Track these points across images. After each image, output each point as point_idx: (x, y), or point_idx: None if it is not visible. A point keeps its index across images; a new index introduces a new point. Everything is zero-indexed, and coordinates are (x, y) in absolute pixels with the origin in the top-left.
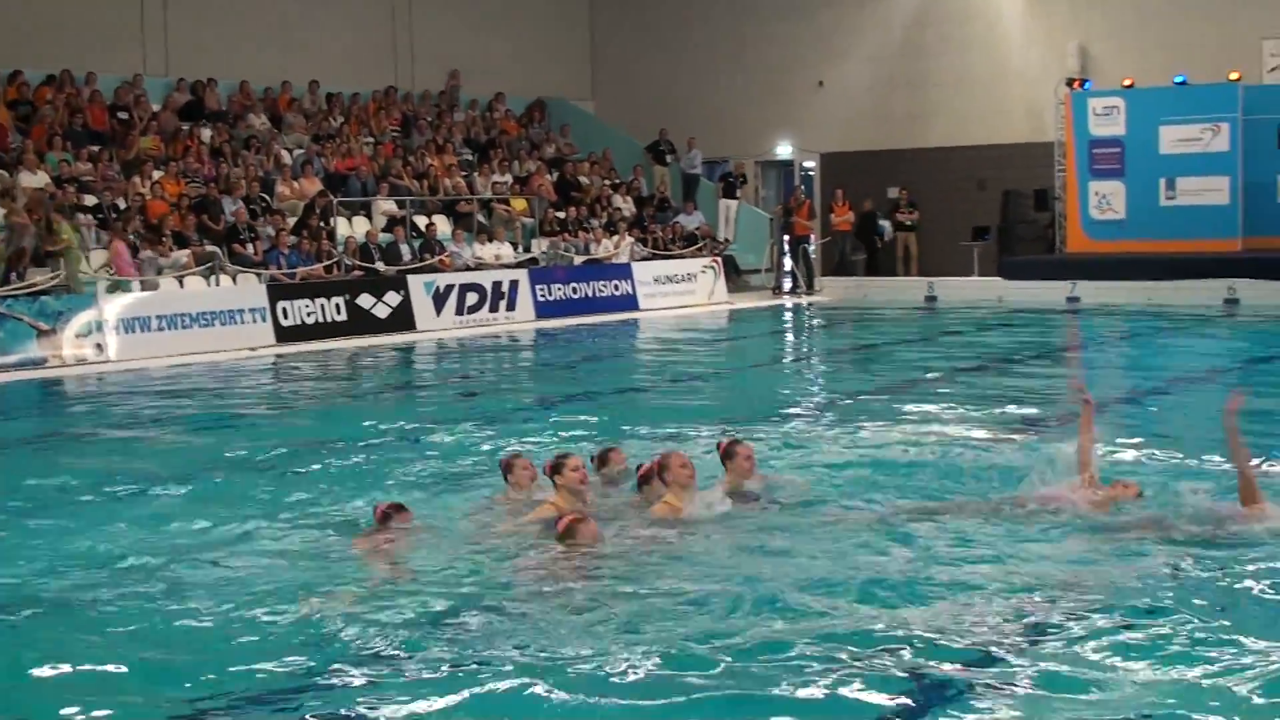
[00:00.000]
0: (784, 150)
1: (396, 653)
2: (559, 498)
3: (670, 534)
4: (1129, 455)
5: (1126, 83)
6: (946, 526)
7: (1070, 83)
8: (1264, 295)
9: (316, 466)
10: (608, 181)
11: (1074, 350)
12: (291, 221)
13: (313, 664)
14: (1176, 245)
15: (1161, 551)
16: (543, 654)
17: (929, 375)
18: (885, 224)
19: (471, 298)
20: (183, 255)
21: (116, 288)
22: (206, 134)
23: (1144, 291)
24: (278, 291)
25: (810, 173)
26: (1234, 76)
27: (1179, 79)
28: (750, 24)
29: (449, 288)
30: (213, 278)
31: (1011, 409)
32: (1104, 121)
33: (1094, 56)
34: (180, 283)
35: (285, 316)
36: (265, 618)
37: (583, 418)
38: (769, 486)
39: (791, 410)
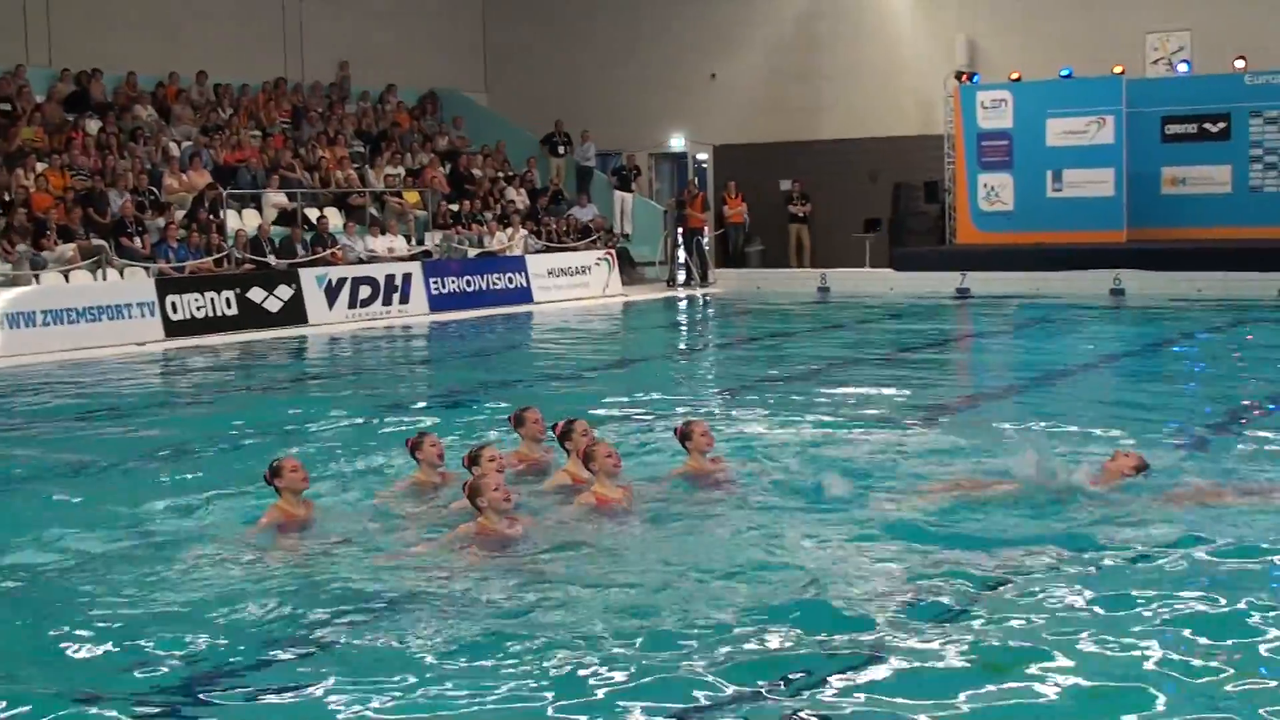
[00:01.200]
0: (677, 143)
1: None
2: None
3: (592, 522)
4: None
5: (1014, 76)
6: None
7: (959, 76)
8: (1148, 285)
9: (210, 456)
10: (501, 174)
11: None
12: (180, 215)
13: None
14: (1063, 236)
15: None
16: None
17: (822, 364)
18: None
19: (364, 291)
20: (68, 249)
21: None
22: (92, 126)
23: (1032, 282)
24: (166, 286)
25: (704, 165)
26: (1118, 70)
27: (1065, 72)
28: (644, 16)
29: (341, 281)
30: (99, 272)
31: (902, 397)
32: (992, 114)
33: (982, 50)
34: (66, 277)
35: (174, 311)
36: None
37: (478, 409)
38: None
39: (688, 399)
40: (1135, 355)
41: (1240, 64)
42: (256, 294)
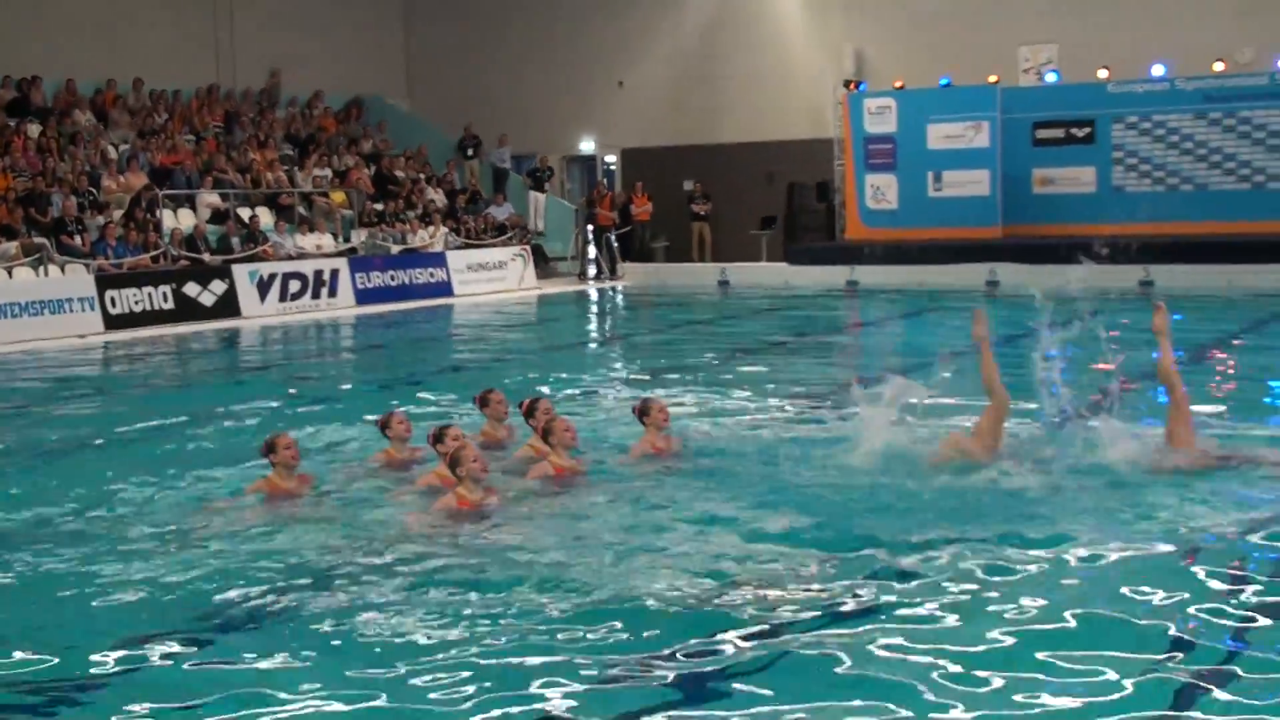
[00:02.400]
0: (587, 146)
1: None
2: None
3: (549, 492)
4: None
5: (897, 84)
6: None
7: (847, 84)
8: (1021, 277)
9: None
10: (422, 175)
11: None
12: (118, 214)
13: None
14: (943, 232)
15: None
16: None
17: (729, 349)
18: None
19: (294, 285)
20: (11, 247)
21: None
22: (33, 130)
23: (915, 275)
24: (106, 281)
25: (612, 167)
26: (993, 79)
27: (944, 81)
28: (555, 27)
29: (272, 276)
30: (41, 269)
31: (800, 381)
32: (877, 120)
33: (868, 60)
34: (9, 273)
35: (113, 305)
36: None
37: (412, 395)
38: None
39: (604, 382)
40: (1010, 341)
41: (1104, 74)
42: (192, 289)
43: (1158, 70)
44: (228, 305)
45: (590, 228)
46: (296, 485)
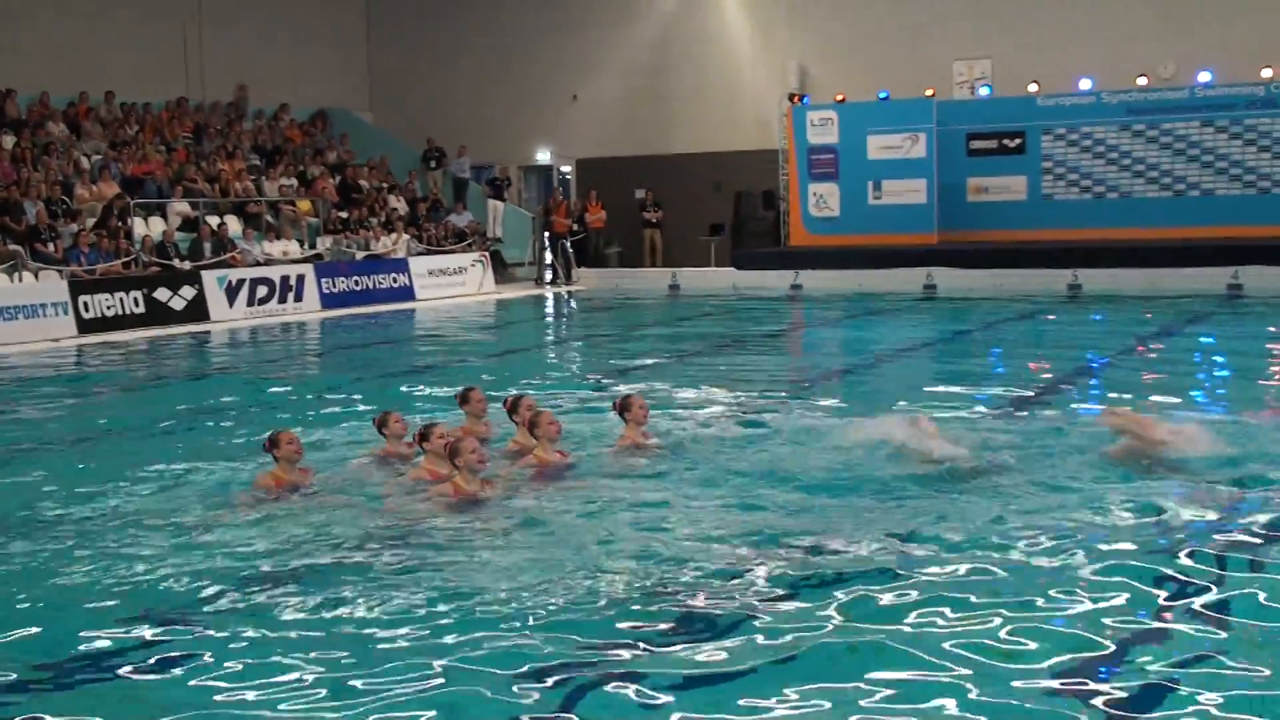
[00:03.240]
0: (544, 156)
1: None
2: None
3: (535, 483)
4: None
5: (838, 98)
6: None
7: (791, 98)
8: (956, 281)
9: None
10: (385, 184)
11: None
12: (91, 222)
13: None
14: (883, 239)
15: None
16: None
17: (677, 350)
18: None
19: (262, 290)
20: None
21: None
22: (8, 141)
23: (856, 279)
24: (79, 286)
25: (567, 176)
26: (929, 93)
27: (883, 95)
28: (513, 43)
29: (240, 281)
30: (15, 275)
31: (749, 380)
32: (820, 131)
33: (811, 75)
34: None
35: (86, 310)
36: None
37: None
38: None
39: (566, 381)
40: (947, 341)
41: (1034, 87)
42: (162, 294)
43: (1084, 84)
44: (197, 310)
45: (547, 235)
46: (299, 477)
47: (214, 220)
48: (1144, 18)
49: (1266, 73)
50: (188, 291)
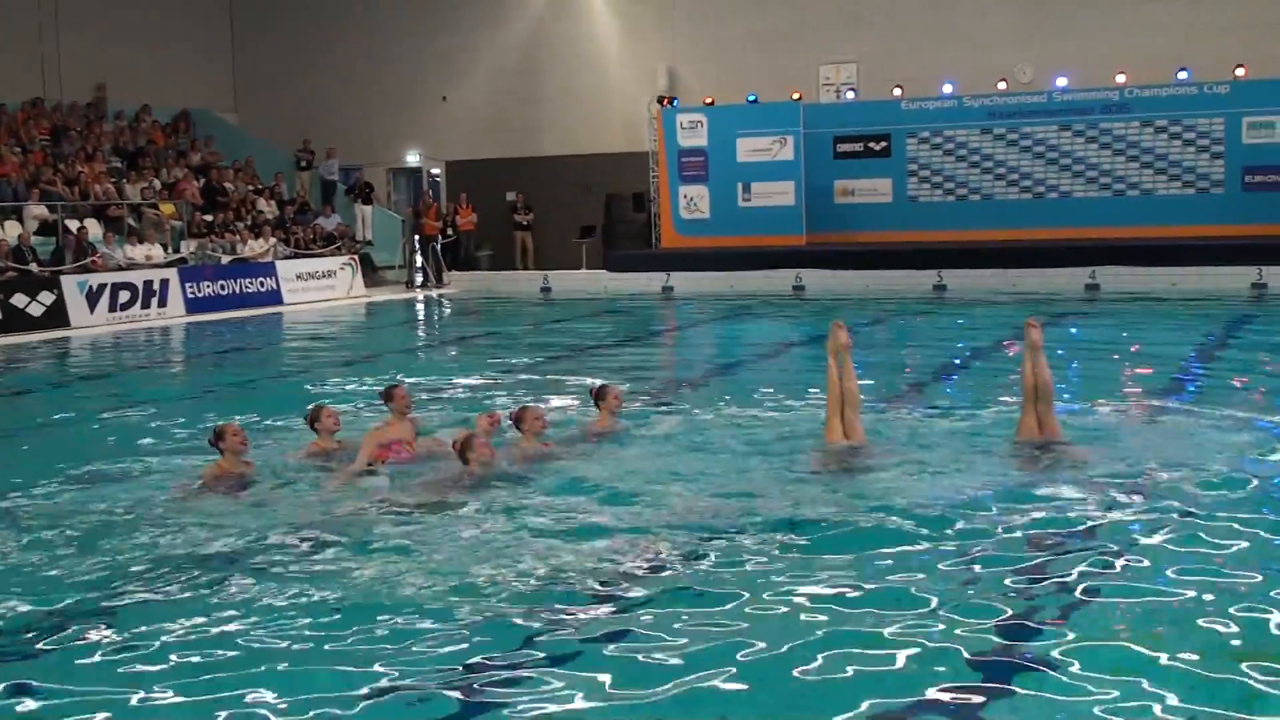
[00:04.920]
0: (413, 159)
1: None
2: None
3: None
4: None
5: (708, 101)
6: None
7: (660, 100)
8: (824, 281)
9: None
10: (251, 187)
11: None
12: None
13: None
14: (752, 240)
15: None
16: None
17: (550, 354)
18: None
19: (124, 295)
20: None
21: None
22: None
23: (727, 281)
24: None
25: (437, 179)
26: (796, 96)
27: (751, 98)
28: (381, 43)
29: (102, 286)
30: None
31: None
32: (690, 134)
33: (681, 77)
34: None
35: None
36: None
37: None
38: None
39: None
40: (817, 341)
41: (898, 91)
42: (19, 299)
43: (947, 88)
44: (56, 316)
45: (417, 238)
46: (245, 469)
47: (74, 224)
48: (1004, 23)
49: (1120, 78)
50: (46, 297)
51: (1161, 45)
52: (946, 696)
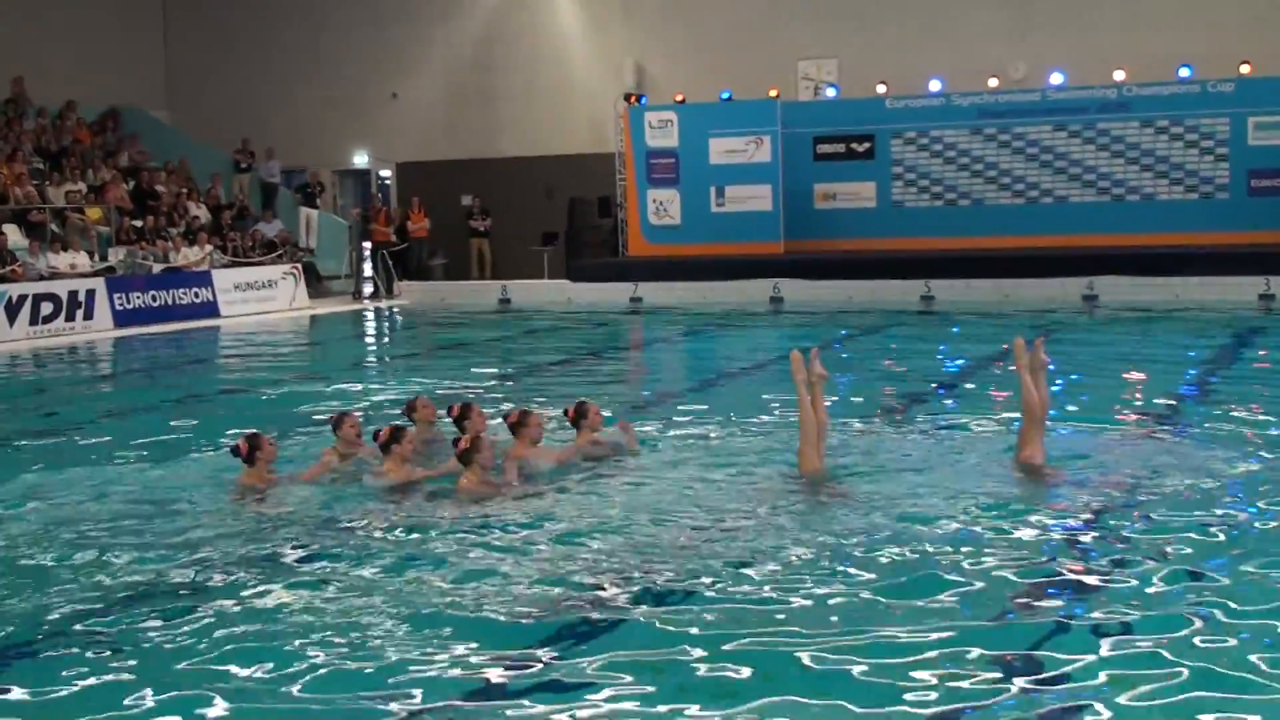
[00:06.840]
0: (361, 160)
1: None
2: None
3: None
4: (700, 430)
5: (678, 98)
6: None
7: (627, 98)
8: (803, 292)
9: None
10: (185, 190)
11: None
12: None
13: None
14: (727, 248)
15: None
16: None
17: (506, 372)
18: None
19: (46, 307)
20: None
21: None
22: None
23: (699, 292)
24: None
25: (387, 182)
26: (773, 93)
27: (725, 95)
28: (325, 36)
29: (22, 298)
30: None
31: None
32: (659, 134)
33: (649, 74)
34: None
35: None
36: None
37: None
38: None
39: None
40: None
41: (882, 89)
42: None
43: (934, 86)
44: None
45: (366, 245)
46: (274, 478)
47: None
48: (994, 16)
49: (1119, 75)
50: None
51: (1162, 41)
52: None
